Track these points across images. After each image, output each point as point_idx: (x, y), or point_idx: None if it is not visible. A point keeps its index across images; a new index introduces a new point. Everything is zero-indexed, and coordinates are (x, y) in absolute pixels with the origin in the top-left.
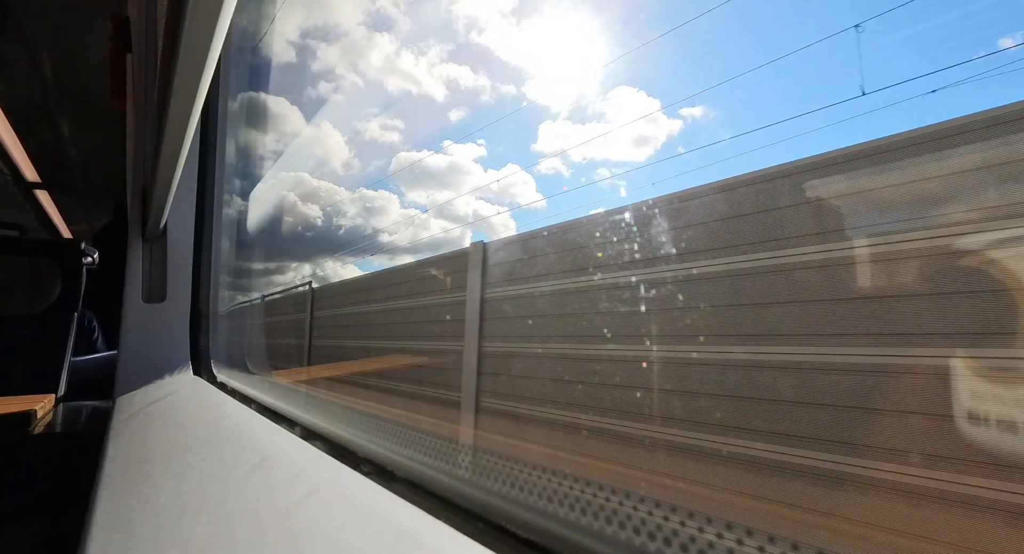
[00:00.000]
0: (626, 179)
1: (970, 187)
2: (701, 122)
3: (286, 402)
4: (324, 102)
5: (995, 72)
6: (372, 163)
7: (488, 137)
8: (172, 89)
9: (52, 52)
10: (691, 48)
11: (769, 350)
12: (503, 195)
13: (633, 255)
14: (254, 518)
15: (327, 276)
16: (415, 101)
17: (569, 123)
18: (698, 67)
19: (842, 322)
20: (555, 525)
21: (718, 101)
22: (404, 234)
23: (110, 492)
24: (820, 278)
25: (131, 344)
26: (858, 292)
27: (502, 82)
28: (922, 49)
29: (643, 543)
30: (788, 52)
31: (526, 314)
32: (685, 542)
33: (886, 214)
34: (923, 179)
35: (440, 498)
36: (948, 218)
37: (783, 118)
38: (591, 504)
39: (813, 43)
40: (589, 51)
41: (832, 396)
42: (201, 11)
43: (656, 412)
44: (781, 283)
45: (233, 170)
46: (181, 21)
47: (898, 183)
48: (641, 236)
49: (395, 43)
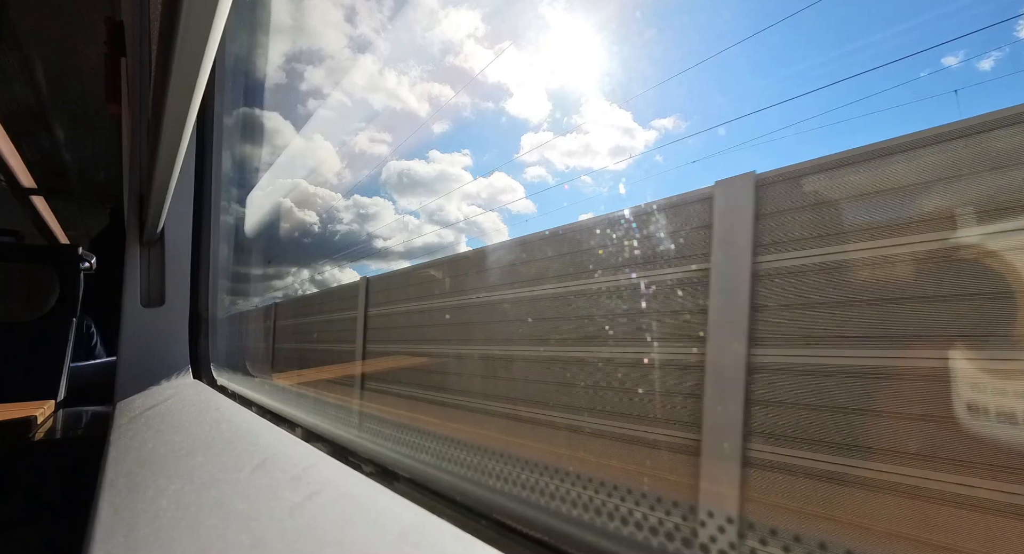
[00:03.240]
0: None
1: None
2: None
3: (285, 403)
4: (324, 111)
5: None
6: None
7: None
8: (167, 92)
9: (46, 57)
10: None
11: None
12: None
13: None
14: (256, 520)
15: (326, 280)
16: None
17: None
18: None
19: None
20: (557, 521)
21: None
22: (398, 239)
23: (112, 496)
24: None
25: (130, 349)
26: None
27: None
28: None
29: (645, 539)
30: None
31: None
32: (687, 537)
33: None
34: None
35: (443, 496)
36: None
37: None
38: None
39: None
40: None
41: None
42: (195, 13)
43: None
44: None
45: (230, 174)
46: (175, 24)
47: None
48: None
49: (398, 63)
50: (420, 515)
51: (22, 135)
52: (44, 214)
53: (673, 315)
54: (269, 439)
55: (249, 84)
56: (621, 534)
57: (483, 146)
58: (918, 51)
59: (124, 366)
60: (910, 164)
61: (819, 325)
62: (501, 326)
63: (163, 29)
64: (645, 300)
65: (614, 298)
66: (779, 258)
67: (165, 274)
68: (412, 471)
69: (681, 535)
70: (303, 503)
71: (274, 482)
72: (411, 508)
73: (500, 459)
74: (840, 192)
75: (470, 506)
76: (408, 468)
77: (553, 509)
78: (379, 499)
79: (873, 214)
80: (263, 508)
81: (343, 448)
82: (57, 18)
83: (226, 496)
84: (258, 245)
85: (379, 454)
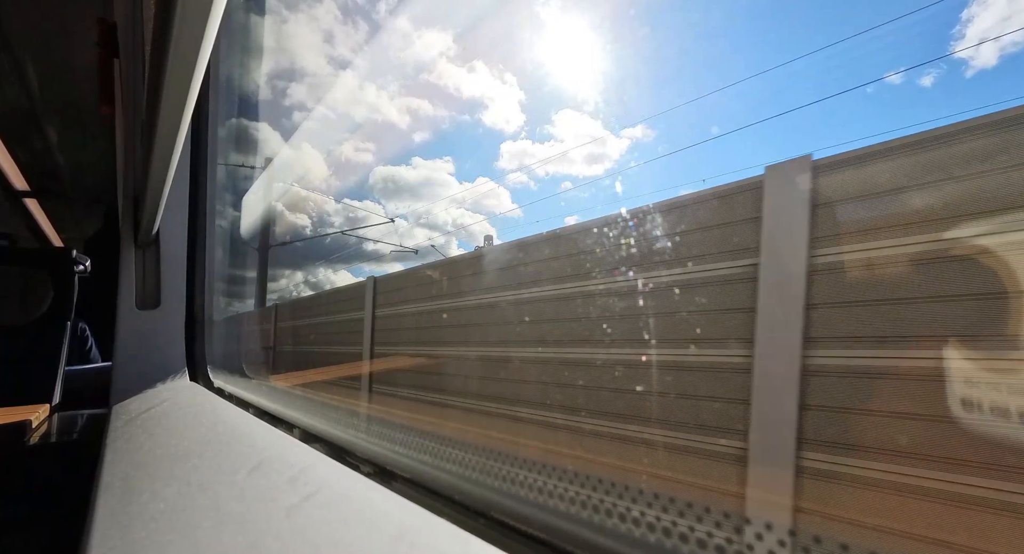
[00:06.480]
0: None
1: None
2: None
3: (281, 404)
4: (326, 115)
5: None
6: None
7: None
8: (161, 94)
9: (39, 58)
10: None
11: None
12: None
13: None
14: (253, 522)
15: (319, 282)
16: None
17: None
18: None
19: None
20: (554, 518)
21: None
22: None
23: (109, 499)
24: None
25: (126, 351)
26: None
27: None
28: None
29: (642, 534)
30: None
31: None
32: (685, 533)
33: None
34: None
35: (440, 495)
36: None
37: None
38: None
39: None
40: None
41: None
42: (189, 14)
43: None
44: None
45: (224, 178)
46: (169, 25)
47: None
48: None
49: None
50: (418, 514)
51: (14, 137)
52: (37, 217)
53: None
54: (266, 441)
55: (244, 92)
56: (618, 531)
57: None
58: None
59: (120, 369)
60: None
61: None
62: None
63: (156, 30)
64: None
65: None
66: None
67: (160, 276)
68: (410, 471)
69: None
70: (300, 504)
71: (271, 483)
72: (409, 507)
73: (560, 476)
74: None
75: (468, 504)
76: (406, 468)
77: (551, 507)
78: (376, 499)
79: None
80: (260, 510)
81: (341, 449)
82: (49, 19)
83: (222, 498)
84: (254, 247)
85: (377, 454)
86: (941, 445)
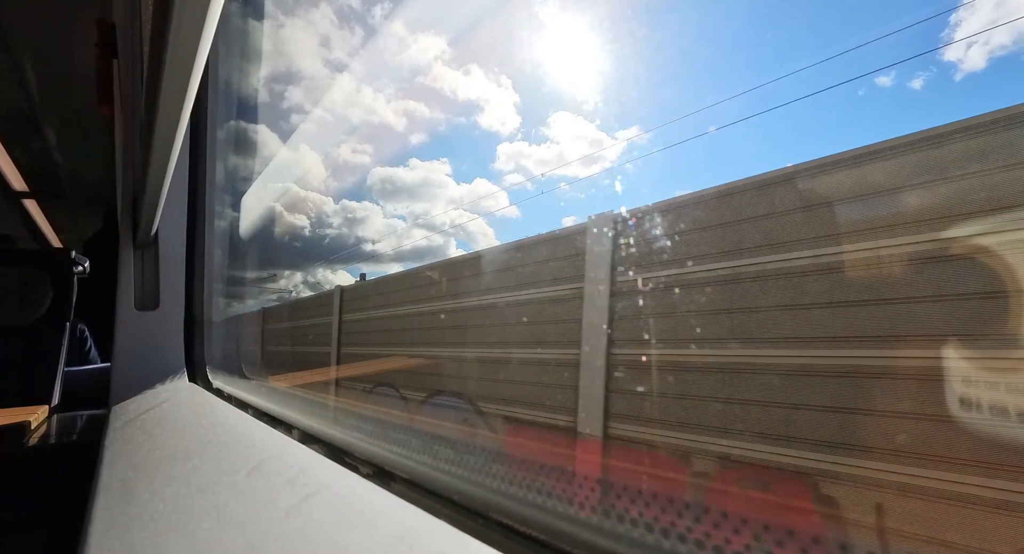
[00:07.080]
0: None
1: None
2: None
3: (281, 405)
4: (325, 118)
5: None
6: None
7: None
8: (160, 94)
9: (37, 58)
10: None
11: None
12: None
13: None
14: (252, 523)
15: (319, 281)
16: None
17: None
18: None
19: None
20: (554, 519)
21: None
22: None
23: (107, 500)
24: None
25: (125, 352)
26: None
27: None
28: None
29: (641, 535)
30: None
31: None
32: (683, 533)
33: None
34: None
35: (440, 496)
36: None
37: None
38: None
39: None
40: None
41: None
42: (188, 13)
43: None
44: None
45: (223, 179)
46: (167, 24)
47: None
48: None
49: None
50: (417, 515)
51: (13, 138)
52: (36, 218)
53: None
54: (265, 442)
55: (243, 95)
56: (618, 531)
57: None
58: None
59: (119, 370)
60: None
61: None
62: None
63: (155, 30)
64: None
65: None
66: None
67: (159, 277)
68: (409, 471)
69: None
70: (299, 505)
71: (270, 485)
72: (408, 508)
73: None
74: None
75: (467, 506)
76: (405, 468)
77: (550, 507)
78: (375, 500)
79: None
80: (259, 511)
81: (340, 449)
82: (48, 19)
83: (221, 499)
84: (253, 248)
85: (376, 455)
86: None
